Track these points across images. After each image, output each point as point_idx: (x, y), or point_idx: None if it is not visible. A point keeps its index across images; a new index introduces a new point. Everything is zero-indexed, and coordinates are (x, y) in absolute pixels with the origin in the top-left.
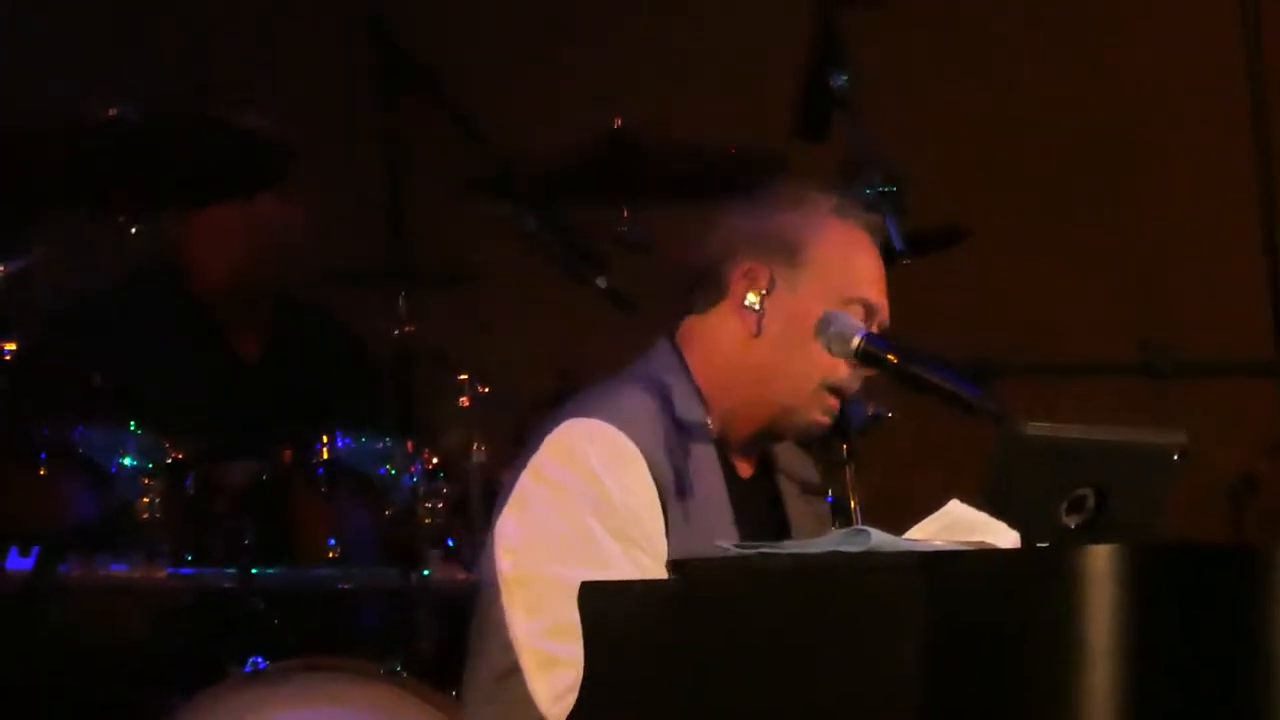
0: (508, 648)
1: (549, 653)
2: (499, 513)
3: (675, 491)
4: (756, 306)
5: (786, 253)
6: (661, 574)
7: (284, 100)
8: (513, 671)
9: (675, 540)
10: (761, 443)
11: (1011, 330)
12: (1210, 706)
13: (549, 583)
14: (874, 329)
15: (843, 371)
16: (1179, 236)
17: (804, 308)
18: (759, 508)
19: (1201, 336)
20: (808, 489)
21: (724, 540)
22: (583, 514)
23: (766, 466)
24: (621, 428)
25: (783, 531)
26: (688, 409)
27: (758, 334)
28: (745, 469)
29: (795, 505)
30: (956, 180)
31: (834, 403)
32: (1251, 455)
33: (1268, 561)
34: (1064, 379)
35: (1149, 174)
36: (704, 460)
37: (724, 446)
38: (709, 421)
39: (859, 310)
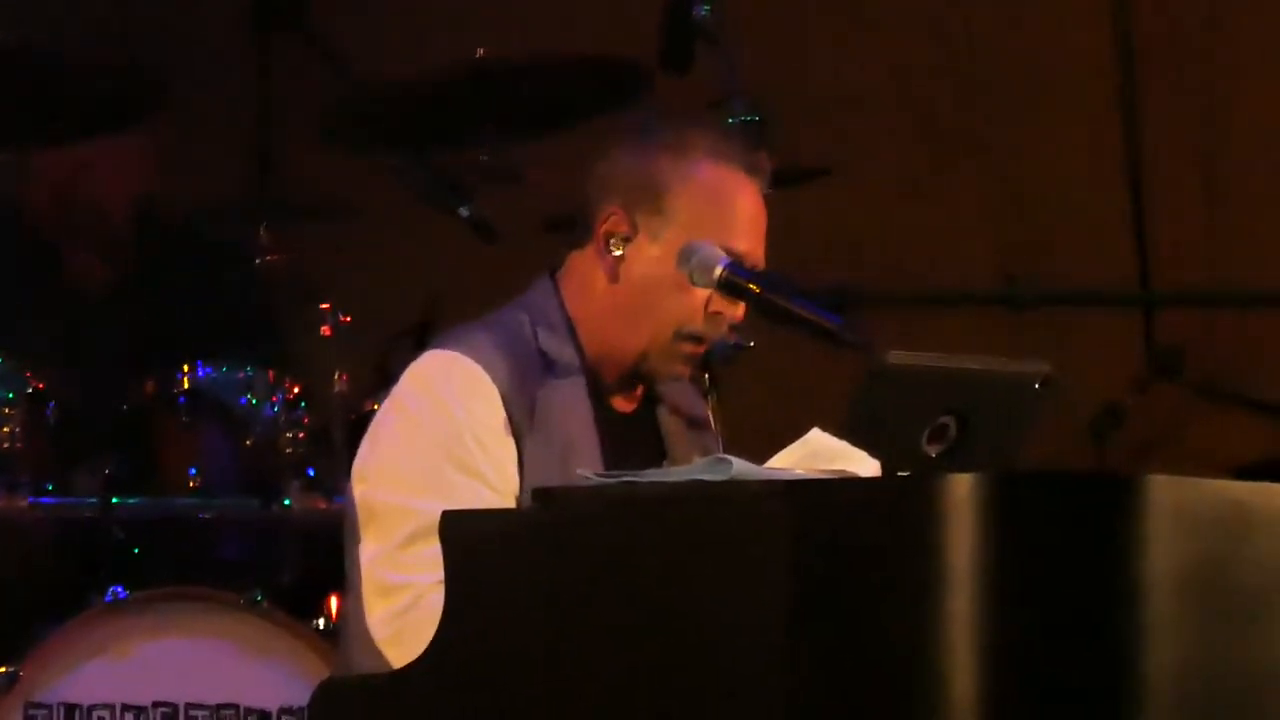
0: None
1: (387, 580)
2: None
3: (532, 425)
4: (616, 252)
5: (651, 199)
6: (506, 506)
7: (151, 32)
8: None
9: (530, 473)
10: (633, 382)
11: (875, 261)
12: (1072, 632)
13: (392, 511)
14: None
15: (698, 320)
16: (1043, 168)
17: (663, 257)
18: (637, 443)
19: (1066, 268)
20: (695, 423)
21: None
22: (430, 444)
23: (650, 401)
24: (477, 359)
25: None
26: (555, 344)
27: (615, 280)
28: (625, 404)
29: (678, 440)
30: (821, 111)
31: (692, 351)
32: (1116, 386)
33: (1130, 489)
34: (928, 309)
35: (1013, 106)
36: (571, 395)
37: (598, 382)
38: (579, 356)
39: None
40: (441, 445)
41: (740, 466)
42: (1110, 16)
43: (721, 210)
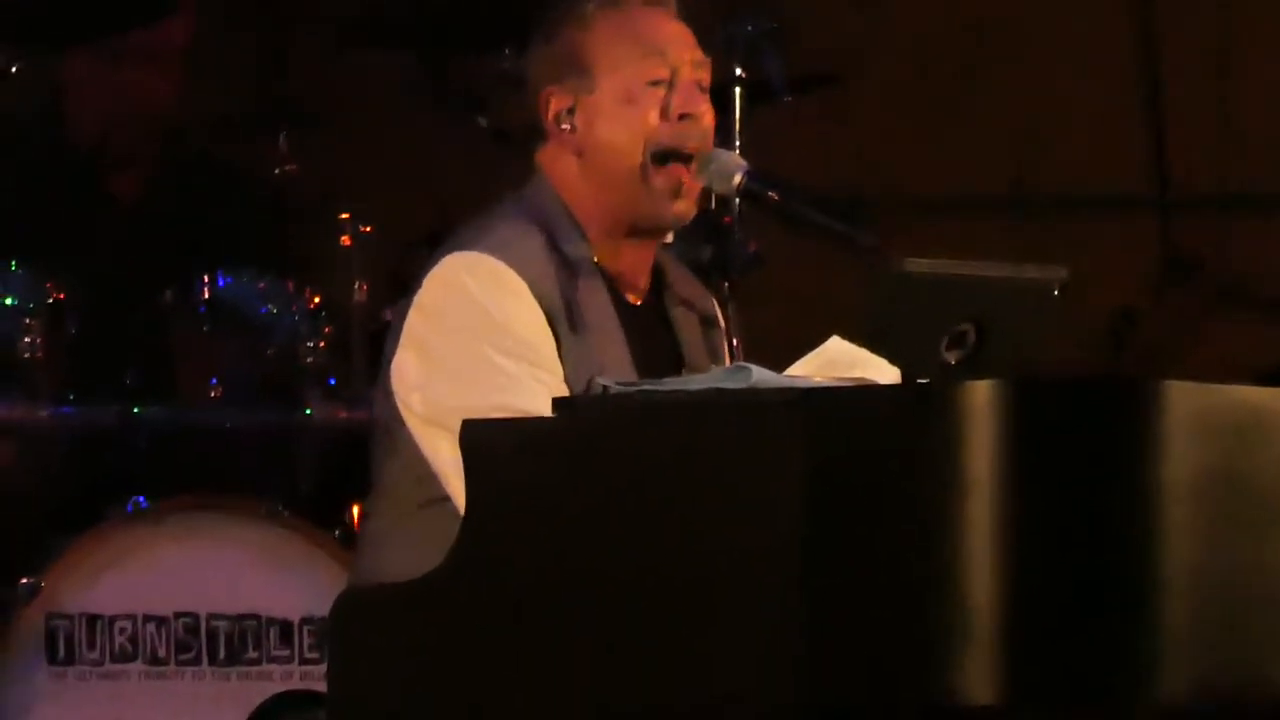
0: (427, 480)
1: None
2: (391, 353)
3: (564, 319)
4: (567, 128)
5: (573, 65)
6: (564, 392)
7: None
8: (434, 501)
9: (569, 366)
10: (638, 254)
11: (887, 168)
12: (1090, 537)
13: (462, 412)
14: (688, 79)
15: (665, 132)
16: (1056, 72)
17: (606, 103)
18: (651, 334)
19: (1080, 173)
20: (706, 320)
21: (617, 367)
22: (476, 343)
23: (658, 293)
24: (501, 257)
25: (676, 358)
26: (568, 237)
27: (582, 154)
28: (634, 298)
29: (689, 333)
30: (834, 17)
31: (678, 175)
32: (1131, 291)
33: (1147, 393)
34: (942, 216)
35: (1027, 8)
36: (591, 287)
37: (608, 272)
38: (589, 247)
39: (660, 64)
40: (488, 341)
41: (759, 375)
42: None
43: (634, 39)
